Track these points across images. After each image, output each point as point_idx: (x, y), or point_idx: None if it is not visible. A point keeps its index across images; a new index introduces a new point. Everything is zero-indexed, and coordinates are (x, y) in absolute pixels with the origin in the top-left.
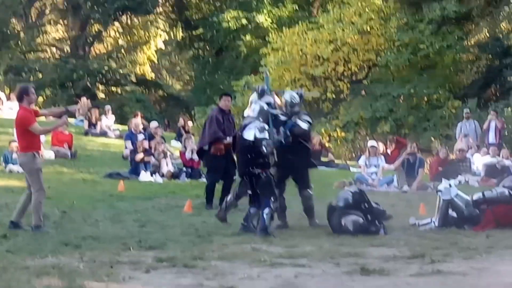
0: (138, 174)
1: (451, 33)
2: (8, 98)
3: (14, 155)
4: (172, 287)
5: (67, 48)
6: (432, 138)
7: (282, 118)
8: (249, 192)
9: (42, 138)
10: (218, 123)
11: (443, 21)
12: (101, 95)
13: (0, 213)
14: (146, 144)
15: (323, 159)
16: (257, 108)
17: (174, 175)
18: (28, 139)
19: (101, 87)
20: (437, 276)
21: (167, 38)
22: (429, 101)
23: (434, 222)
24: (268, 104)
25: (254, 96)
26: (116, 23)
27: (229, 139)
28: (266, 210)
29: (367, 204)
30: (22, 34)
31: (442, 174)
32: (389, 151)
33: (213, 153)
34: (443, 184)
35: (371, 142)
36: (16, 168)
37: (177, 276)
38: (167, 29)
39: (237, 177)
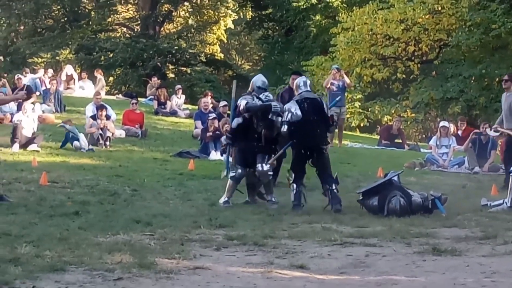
0: (208, 153)
1: None
2: (80, 78)
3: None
4: (242, 265)
5: (137, 28)
6: None
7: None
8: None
9: (113, 116)
10: (283, 102)
11: None
12: (171, 75)
13: (72, 190)
14: (216, 123)
15: (396, 140)
16: None
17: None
18: None
19: (171, 66)
20: (509, 257)
21: (236, 17)
22: (500, 82)
23: (506, 203)
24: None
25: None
26: (186, 3)
27: None
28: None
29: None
30: (92, 14)
31: None
32: (459, 132)
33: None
34: None
35: (443, 123)
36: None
37: (247, 254)
38: (237, 9)
39: None
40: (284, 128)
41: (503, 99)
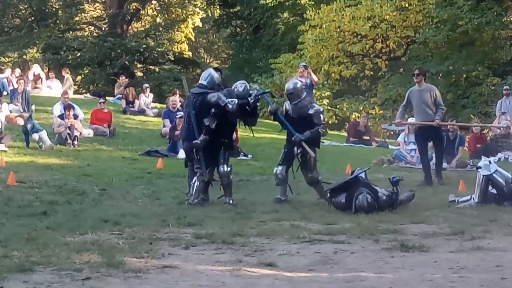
0: (176, 152)
1: (490, 9)
2: (47, 77)
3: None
4: (211, 263)
5: (105, 27)
6: (471, 115)
7: None
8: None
9: (81, 116)
10: None
11: None
12: (139, 73)
13: (39, 190)
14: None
15: (364, 137)
16: None
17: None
18: None
19: (139, 65)
20: (477, 252)
21: (204, 16)
22: (468, 78)
23: (473, 198)
24: None
25: None
26: (154, 1)
27: None
28: None
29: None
30: (60, 13)
31: (481, 151)
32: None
33: None
34: (483, 161)
35: (411, 119)
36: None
37: (216, 253)
38: (205, 7)
39: None
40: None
41: (414, 94)
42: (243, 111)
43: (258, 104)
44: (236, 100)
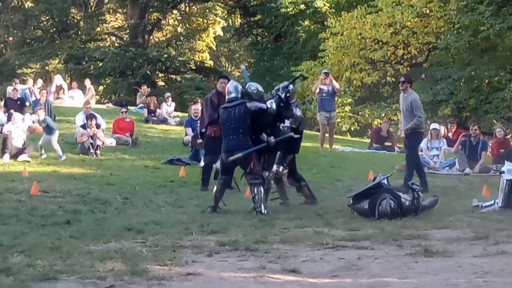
0: (198, 160)
1: (511, 14)
2: (70, 87)
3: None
4: (234, 270)
5: (126, 37)
6: (494, 121)
7: None
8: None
9: (103, 125)
10: (213, 106)
11: (503, 2)
12: (160, 83)
13: (63, 199)
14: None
15: (386, 143)
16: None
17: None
18: None
19: (160, 74)
20: (501, 257)
21: (225, 24)
22: (490, 84)
23: (497, 203)
24: None
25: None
26: (175, 11)
27: None
28: None
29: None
30: (81, 23)
31: (504, 156)
32: (450, 134)
33: (208, 135)
34: (506, 165)
35: (433, 125)
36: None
37: (239, 260)
38: (226, 16)
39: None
40: None
41: (400, 100)
42: (278, 107)
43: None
44: (272, 101)
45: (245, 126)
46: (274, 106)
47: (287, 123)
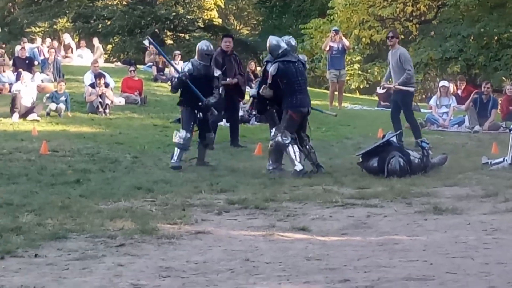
0: None
1: None
2: (78, 46)
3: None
4: (244, 229)
5: None
6: (503, 78)
7: None
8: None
9: (112, 84)
10: (217, 65)
11: None
12: (169, 41)
13: (72, 158)
14: None
15: None
16: None
17: (244, 119)
18: None
19: (169, 33)
20: (510, 214)
21: None
22: (499, 40)
23: (506, 160)
24: None
25: None
26: None
27: (229, 80)
28: None
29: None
30: None
31: None
32: (459, 92)
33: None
34: None
35: (442, 82)
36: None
37: (248, 218)
38: None
39: None
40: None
41: (389, 57)
42: None
43: None
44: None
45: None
46: None
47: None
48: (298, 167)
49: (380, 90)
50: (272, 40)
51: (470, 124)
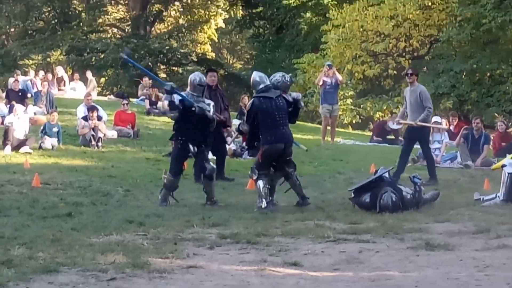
0: None
1: None
2: (71, 79)
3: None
4: (235, 263)
5: (128, 28)
6: (496, 114)
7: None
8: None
9: (105, 117)
10: None
11: None
12: (162, 74)
13: (64, 191)
14: None
15: (388, 137)
16: None
17: (236, 154)
18: None
19: (162, 66)
20: (502, 251)
21: (227, 16)
22: (492, 77)
23: (499, 197)
24: None
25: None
26: (177, 3)
27: (217, 115)
28: None
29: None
30: (83, 15)
31: (506, 149)
32: (451, 128)
33: None
34: (508, 159)
35: (435, 118)
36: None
37: (240, 253)
38: (227, 8)
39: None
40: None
41: (407, 93)
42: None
43: None
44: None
45: (287, 117)
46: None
47: None
48: (263, 204)
49: (394, 126)
50: (255, 76)
51: (462, 160)
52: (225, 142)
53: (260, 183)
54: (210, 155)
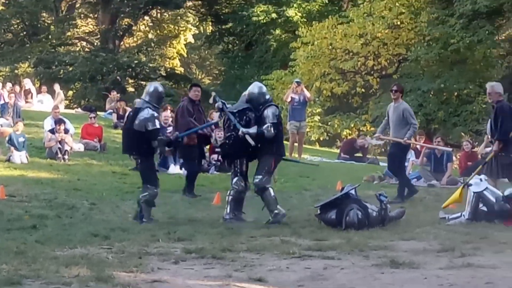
0: (167, 167)
1: (482, 28)
2: (39, 91)
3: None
4: (200, 278)
5: (97, 42)
6: (462, 133)
7: None
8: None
9: (72, 130)
10: (190, 114)
11: (474, 15)
12: (130, 89)
13: (29, 204)
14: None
15: (356, 154)
16: None
17: (203, 168)
18: None
19: (130, 80)
20: (467, 269)
21: (196, 32)
22: (459, 96)
23: (464, 215)
24: None
25: None
26: (146, 17)
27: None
28: None
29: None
30: (52, 28)
31: (472, 169)
32: (418, 147)
33: (186, 143)
34: (474, 178)
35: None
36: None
37: (205, 267)
38: (197, 23)
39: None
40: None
41: (391, 109)
42: None
43: None
44: None
45: None
46: None
47: None
48: (281, 211)
49: (373, 141)
50: (261, 86)
51: (426, 181)
52: (204, 157)
53: (271, 190)
54: (183, 170)
